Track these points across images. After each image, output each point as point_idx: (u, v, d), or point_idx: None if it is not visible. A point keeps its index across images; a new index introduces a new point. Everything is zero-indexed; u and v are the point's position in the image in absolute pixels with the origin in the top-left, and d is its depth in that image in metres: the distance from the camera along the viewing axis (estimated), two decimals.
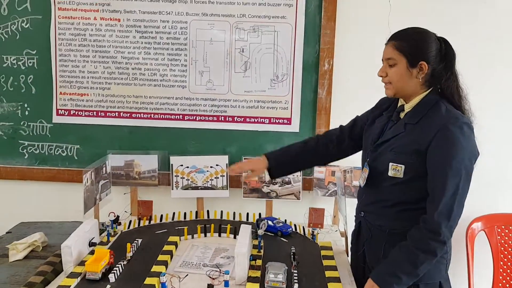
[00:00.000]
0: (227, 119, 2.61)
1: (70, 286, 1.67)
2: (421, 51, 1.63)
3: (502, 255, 2.42)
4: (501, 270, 2.42)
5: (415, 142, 1.63)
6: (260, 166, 2.00)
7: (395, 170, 1.67)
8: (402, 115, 1.74)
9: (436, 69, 1.64)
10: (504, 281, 2.41)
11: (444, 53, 1.65)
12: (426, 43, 1.64)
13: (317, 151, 2.01)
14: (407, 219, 1.66)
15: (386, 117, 1.82)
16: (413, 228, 1.62)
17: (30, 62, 2.61)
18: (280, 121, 2.60)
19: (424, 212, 1.61)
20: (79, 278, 1.74)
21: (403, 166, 1.65)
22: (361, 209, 1.88)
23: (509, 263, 2.42)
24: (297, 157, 2.02)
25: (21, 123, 2.67)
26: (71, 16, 2.55)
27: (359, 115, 2.03)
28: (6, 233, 2.38)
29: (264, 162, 1.99)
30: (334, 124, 2.57)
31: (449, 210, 1.55)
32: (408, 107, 1.72)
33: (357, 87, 2.55)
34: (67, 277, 1.74)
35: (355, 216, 1.95)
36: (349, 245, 2.19)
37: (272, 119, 2.59)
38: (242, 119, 2.61)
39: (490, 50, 2.49)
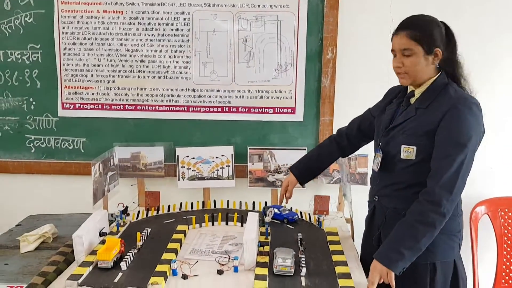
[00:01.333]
0: (231, 110, 2.63)
1: (82, 274, 1.70)
2: (434, 38, 1.65)
3: (505, 238, 2.45)
4: (504, 252, 2.45)
5: (426, 123, 1.67)
6: (291, 179, 2.13)
7: (407, 152, 1.71)
8: (412, 100, 1.77)
9: (446, 53, 1.68)
10: (508, 263, 2.44)
11: (449, 37, 1.69)
12: (436, 29, 1.67)
13: (330, 149, 2.10)
14: None
15: (396, 103, 1.85)
16: (413, 203, 1.65)
17: (34, 57, 2.63)
18: (284, 110, 2.62)
19: None
20: (91, 267, 1.77)
21: (415, 148, 1.69)
22: (375, 193, 1.90)
23: None
24: (316, 160, 2.12)
25: (27, 117, 2.69)
26: (74, 10, 2.56)
27: (371, 107, 2.06)
28: (16, 226, 2.41)
29: (292, 176, 2.13)
30: (338, 113, 2.59)
31: (452, 185, 1.59)
32: (418, 92, 1.75)
33: (361, 75, 2.57)
34: (80, 266, 1.77)
35: (368, 201, 1.97)
36: (355, 230, 2.23)
37: (276, 108, 2.62)
38: (247, 109, 2.63)
39: (493, 36, 2.51)
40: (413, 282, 1.73)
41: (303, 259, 1.80)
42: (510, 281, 2.44)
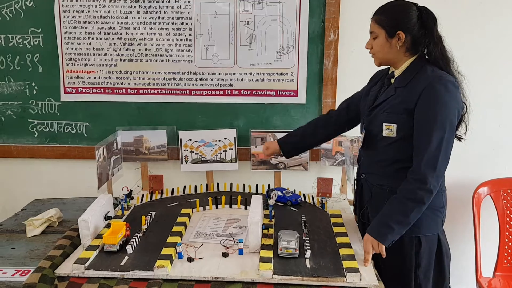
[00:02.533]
0: (233, 93, 2.63)
1: (89, 258, 1.72)
2: (397, 22, 1.75)
3: (508, 219, 2.46)
4: (507, 233, 2.46)
5: (404, 101, 1.75)
6: (273, 145, 2.23)
7: (388, 130, 1.80)
8: (392, 80, 1.86)
9: (417, 36, 1.75)
10: (510, 244, 2.46)
11: (424, 21, 1.75)
12: (403, 14, 1.75)
13: (316, 127, 2.19)
14: (404, 177, 1.75)
15: (379, 85, 1.95)
16: (403, 182, 1.73)
17: (36, 41, 2.62)
18: (286, 93, 2.61)
19: None
20: (97, 250, 1.78)
21: (395, 125, 1.78)
22: (361, 171, 2.01)
23: None
24: (303, 136, 2.20)
25: (30, 102, 2.69)
26: None
27: (358, 91, 2.15)
28: (21, 210, 2.43)
29: (276, 144, 2.22)
30: (340, 95, 2.59)
31: (434, 161, 1.67)
32: (397, 73, 1.83)
33: (363, 57, 2.51)
34: (86, 249, 1.79)
35: (355, 179, 2.08)
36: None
37: (278, 91, 2.61)
38: (249, 92, 2.62)
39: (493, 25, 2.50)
40: (399, 254, 1.82)
41: (307, 241, 1.81)
42: None
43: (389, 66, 1.91)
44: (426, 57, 1.79)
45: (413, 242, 1.82)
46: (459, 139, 1.83)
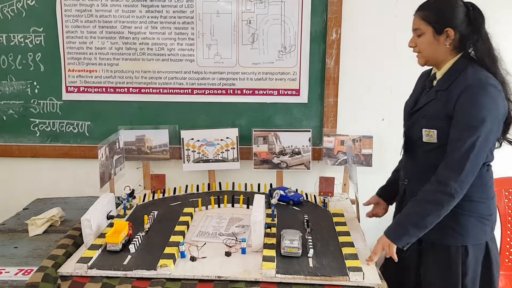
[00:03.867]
0: (235, 92, 2.63)
1: (92, 257, 1.72)
2: (446, 18, 1.67)
3: (510, 218, 2.46)
4: (509, 232, 2.46)
5: (444, 106, 1.69)
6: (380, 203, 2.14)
7: (428, 135, 1.73)
8: (434, 82, 1.79)
9: (464, 33, 1.68)
10: None
11: (472, 18, 1.68)
12: (451, 10, 1.68)
13: None
14: None
15: (421, 86, 1.88)
16: (426, 187, 1.69)
17: (37, 40, 2.62)
18: (288, 92, 2.61)
19: None
20: (100, 250, 1.78)
21: (435, 131, 1.71)
22: (405, 176, 1.93)
23: None
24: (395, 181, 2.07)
25: (31, 101, 2.69)
26: None
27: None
28: (23, 209, 2.43)
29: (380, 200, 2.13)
30: (342, 94, 2.59)
31: (460, 166, 1.61)
32: (439, 74, 1.76)
33: (366, 56, 2.56)
34: (88, 249, 1.79)
35: (399, 182, 1.99)
36: (360, 211, 2.24)
37: (280, 90, 2.61)
38: (251, 91, 2.62)
39: None
40: (446, 265, 1.77)
41: (310, 240, 1.81)
42: None
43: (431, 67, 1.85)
44: (471, 55, 1.72)
45: (460, 251, 1.76)
46: (510, 142, 1.79)
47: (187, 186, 2.51)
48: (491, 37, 1.70)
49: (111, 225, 1.96)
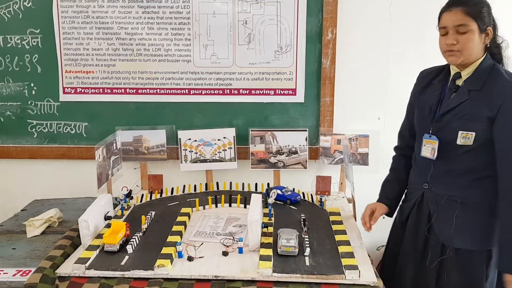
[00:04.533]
0: (232, 92, 2.64)
1: (89, 258, 1.73)
2: (487, 16, 1.63)
3: None
4: None
5: (484, 108, 1.63)
6: (379, 206, 2.00)
7: (465, 138, 1.67)
8: (459, 82, 1.73)
9: (494, 33, 1.67)
10: None
11: (493, 16, 1.67)
12: (488, 8, 1.64)
13: (404, 166, 2.02)
14: (477, 187, 1.70)
15: (440, 85, 1.80)
16: (500, 203, 1.65)
17: (34, 41, 2.62)
18: (285, 92, 2.62)
19: (490, 179, 1.67)
20: (97, 250, 1.79)
21: (473, 134, 1.66)
22: (424, 180, 1.85)
23: None
24: (399, 184, 2.02)
25: (29, 103, 2.69)
26: None
27: (406, 109, 2.01)
28: (21, 210, 2.44)
29: (382, 206, 2.00)
30: (338, 93, 2.60)
31: None
32: (465, 74, 1.71)
33: (361, 56, 2.57)
34: (86, 249, 1.79)
35: (411, 187, 1.94)
36: (356, 210, 2.25)
37: (277, 90, 2.62)
38: (248, 91, 2.63)
39: None
40: (469, 268, 1.75)
41: (307, 239, 1.83)
42: None
43: (439, 65, 1.82)
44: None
45: (484, 256, 1.74)
46: None
47: (184, 186, 2.52)
48: (502, 36, 1.71)
49: (108, 225, 1.97)
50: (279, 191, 2.31)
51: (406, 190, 1.99)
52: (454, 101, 1.71)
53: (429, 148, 1.77)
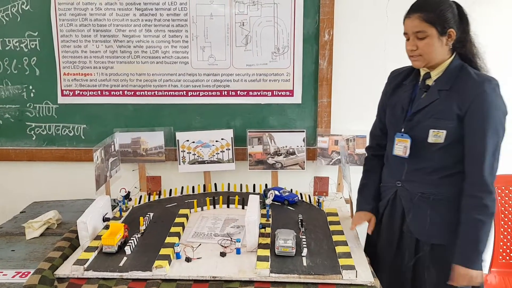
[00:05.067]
0: (230, 94, 2.65)
1: (88, 259, 1.74)
2: (447, 19, 1.65)
3: (502, 215, 2.48)
4: (501, 229, 2.48)
5: (454, 107, 1.67)
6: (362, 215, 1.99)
7: (436, 136, 1.71)
8: (429, 82, 1.76)
9: (458, 33, 1.68)
10: (505, 240, 2.48)
11: (461, 17, 1.68)
12: (448, 10, 1.66)
13: (378, 167, 2.02)
14: (448, 184, 1.74)
15: (411, 85, 1.83)
16: (464, 198, 1.69)
17: (33, 44, 2.63)
18: (282, 93, 2.63)
19: (461, 176, 1.70)
20: (96, 252, 1.80)
21: (444, 132, 1.69)
22: (397, 178, 1.87)
23: (509, 223, 2.48)
24: (375, 187, 2.01)
25: (27, 105, 2.70)
26: None
27: (377, 109, 2.04)
28: (20, 212, 2.45)
29: (366, 213, 1.99)
30: (335, 94, 2.61)
31: (493, 169, 1.66)
32: (435, 74, 1.74)
33: (358, 56, 2.58)
34: (85, 251, 1.81)
35: (384, 185, 1.96)
36: (354, 211, 2.26)
37: (274, 91, 2.63)
38: (245, 92, 2.64)
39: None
40: (445, 263, 1.75)
41: (304, 239, 1.84)
42: (507, 258, 2.48)
43: (409, 65, 1.83)
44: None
45: None
46: None
47: (182, 187, 2.53)
48: (474, 34, 1.72)
49: (107, 227, 1.98)
50: (277, 192, 2.32)
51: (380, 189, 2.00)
52: (425, 101, 1.75)
53: (401, 147, 1.80)
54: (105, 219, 2.06)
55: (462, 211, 1.70)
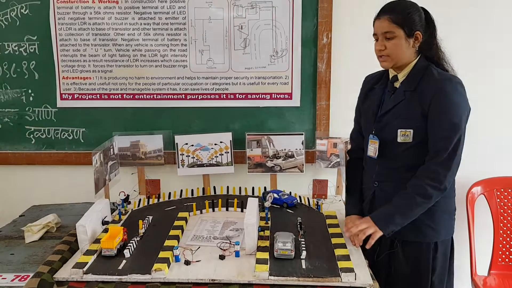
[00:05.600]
0: (228, 97, 2.65)
1: (87, 262, 1.74)
2: (414, 22, 1.74)
3: (501, 217, 2.49)
4: (501, 231, 2.49)
5: (418, 106, 1.75)
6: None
7: (404, 135, 1.78)
8: (397, 84, 1.84)
9: (425, 36, 1.77)
10: (504, 242, 2.49)
11: (428, 21, 1.77)
12: (416, 13, 1.75)
13: (360, 169, 2.07)
14: None
15: (380, 89, 1.92)
16: (412, 178, 1.76)
17: (32, 48, 2.64)
18: (281, 96, 2.64)
19: None
20: (95, 255, 1.80)
21: (411, 131, 1.77)
22: (374, 179, 1.93)
23: (508, 225, 2.49)
24: (359, 188, 2.06)
25: (26, 109, 2.71)
26: (69, 0, 2.56)
27: (355, 113, 2.13)
28: (20, 216, 2.45)
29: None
30: (334, 97, 2.62)
31: (450, 162, 1.71)
32: (401, 76, 1.82)
33: (356, 59, 2.58)
34: (84, 254, 1.80)
35: (364, 187, 2.02)
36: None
37: (273, 94, 2.64)
38: (244, 96, 2.65)
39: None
40: (417, 261, 1.84)
41: (303, 242, 1.83)
42: (507, 260, 2.48)
43: (382, 70, 1.91)
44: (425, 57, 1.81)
45: (431, 248, 1.84)
46: None
47: (181, 190, 2.53)
48: (440, 38, 1.81)
49: (106, 230, 1.98)
50: (275, 195, 2.32)
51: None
52: (392, 102, 1.83)
53: (372, 148, 1.89)
54: (104, 223, 2.05)
55: (407, 187, 1.76)
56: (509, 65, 2.57)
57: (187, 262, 1.75)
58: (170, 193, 2.51)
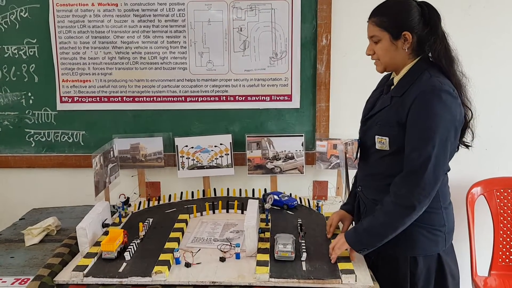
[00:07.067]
0: (228, 99, 2.65)
1: (87, 265, 1.74)
2: (401, 22, 1.61)
3: (501, 218, 2.49)
4: (501, 232, 2.49)
5: (396, 114, 1.63)
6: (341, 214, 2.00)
7: (381, 143, 1.68)
8: (392, 88, 1.74)
9: (421, 35, 1.62)
10: (504, 243, 2.49)
11: (427, 18, 1.62)
12: (406, 12, 1.61)
13: None
14: None
15: (379, 91, 1.84)
16: (386, 198, 1.63)
17: (31, 51, 2.64)
18: (280, 98, 2.64)
19: None
20: (95, 258, 1.80)
21: (387, 139, 1.66)
22: (358, 183, 1.90)
23: (508, 225, 2.49)
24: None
25: (26, 112, 2.71)
26: (69, 3, 2.56)
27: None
28: (20, 219, 2.45)
29: (338, 212, 2.02)
30: (333, 99, 2.62)
31: (419, 178, 1.55)
32: (396, 80, 1.71)
33: (356, 61, 2.58)
34: (84, 257, 1.80)
35: (356, 190, 1.97)
36: None
37: (272, 96, 2.64)
38: (243, 98, 2.65)
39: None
40: (394, 274, 1.73)
41: (303, 244, 1.84)
42: (507, 260, 2.48)
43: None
44: (430, 59, 1.67)
45: (408, 262, 1.71)
46: (467, 146, 1.74)
47: (182, 193, 2.54)
48: (448, 37, 1.64)
49: (106, 233, 1.98)
50: (276, 197, 2.32)
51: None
52: (378, 107, 1.74)
53: (356, 151, 1.85)
54: (104, 225, 2.05)
55: (380, 205, 1.66)
56: (508, 65, 2.57)
57: (187, 265, 1.75)
58: (170, 195, 2.51)
